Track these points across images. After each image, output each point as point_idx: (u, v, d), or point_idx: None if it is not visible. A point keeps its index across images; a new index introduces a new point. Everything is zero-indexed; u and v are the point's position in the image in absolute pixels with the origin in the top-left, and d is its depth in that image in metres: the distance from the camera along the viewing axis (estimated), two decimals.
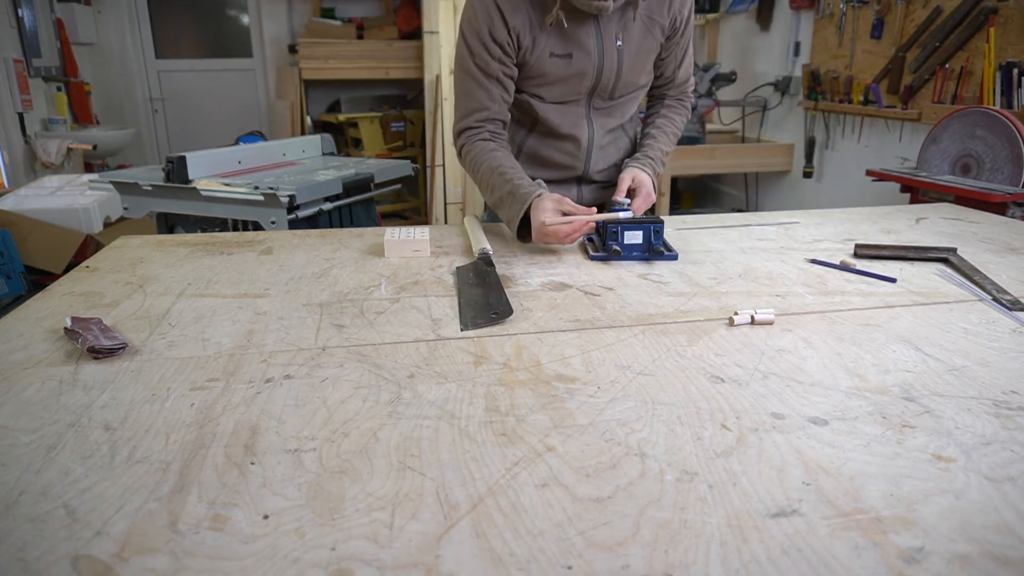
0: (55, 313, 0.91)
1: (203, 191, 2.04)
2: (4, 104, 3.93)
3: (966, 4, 2.64)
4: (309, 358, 0.78)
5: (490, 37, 1.23)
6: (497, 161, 1.26)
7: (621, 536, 0.48)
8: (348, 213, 2.32)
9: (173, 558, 0.46)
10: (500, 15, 1.21)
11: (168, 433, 0.61)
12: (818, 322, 0.89)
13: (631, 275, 1.09)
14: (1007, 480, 0.54)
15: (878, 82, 3.10)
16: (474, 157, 1.29)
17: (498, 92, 1.28)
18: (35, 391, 0.69)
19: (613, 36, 1.26)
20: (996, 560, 0.46)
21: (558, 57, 1.26)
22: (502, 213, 1.25)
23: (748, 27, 4.09)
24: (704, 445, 0.60)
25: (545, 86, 1.30)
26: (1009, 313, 0.92)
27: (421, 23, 4.55)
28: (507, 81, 1.28)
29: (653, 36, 1.31)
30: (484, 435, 0.61)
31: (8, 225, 3.21)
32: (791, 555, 0.46)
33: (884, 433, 0.62)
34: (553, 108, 1.33)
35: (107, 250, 1.22)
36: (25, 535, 0.48)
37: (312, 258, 1.17)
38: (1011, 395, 0.69)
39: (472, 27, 1.24)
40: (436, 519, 0.50)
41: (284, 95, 5.02)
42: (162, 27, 5.46)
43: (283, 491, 0.53)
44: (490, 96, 1.28)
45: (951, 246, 1.21)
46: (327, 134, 2.76)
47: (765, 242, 1.28)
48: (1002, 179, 2.20)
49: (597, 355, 0.78)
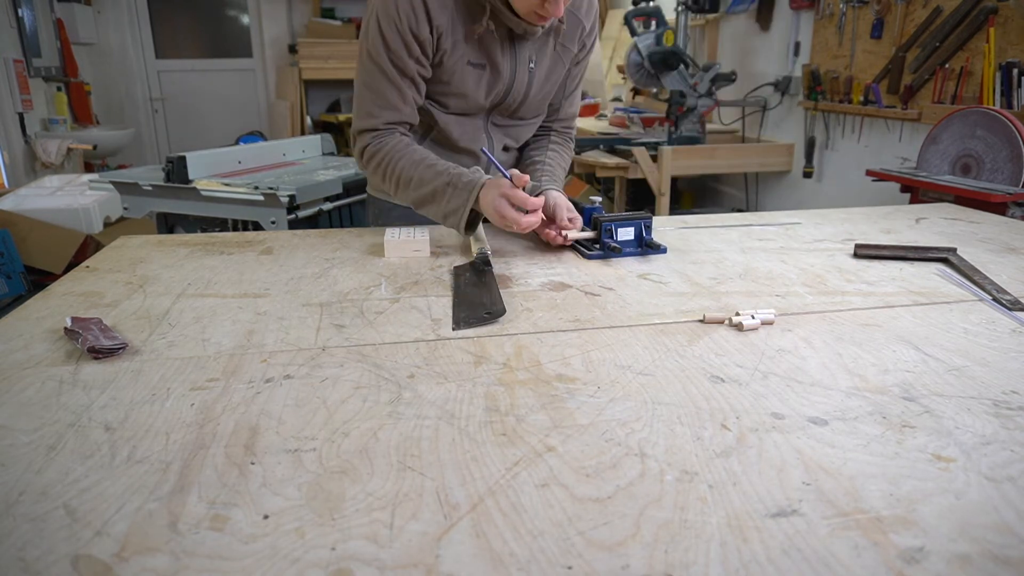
0: (55, 313, 0.91)
1: (203, 191, 2.04)
2: (4, 104, 3.93)
3: (966, 4, 2.64)
4: (309, 358, 0.78)
5: (410, 33, 1.13)
6: (419, 155, 1.17)
7: (621, 536, 0.48)
8: (348, 213, 2.32)
9: (173, 558, 0.46)
10: (425, 11, 1.12)
11: (168, 433, 0.61)
12: (818, 322, 0.89)
13: (631, 275, 1.09)
14: (1007, 480, 0.54)
15: (878, 82, 3.10)
16: (386, 155, 1.19)
17: (411, 94, 1.19)
18: (35, 391, 0.69)
19: (527, 57, 1.24)
20: (996, 560, 0.46)
21: (473, 66, 1.19)
22: (435, 208, 1.16)
23: (748, 27, 4.09)
24: (704, 445, 0.60)
25: (451, 95, 1.22)
26: (1009, 313, 0.92)
27: None
28: (421, 84, 1.19)
29: (563, 63, 1.31)
30: (484, 435, 0.61)
31: (8, 225, 3.21)
32: (791, 555, 0.46)
33: (884, 433, 0.62)
34: (453, 119, 1.26)
35: (107, 250, 1.22)
36: (25, 535, 0.48)
37: (312, 258, 1.17)
38: (1011, 395, 0.69)
39: (390, 18, 1.12)
40: (436, 519, 0.50)
41: (284, 95, 5.02)
42: (162, 27, 5.46)
43: (283, 491, 0.53)
44: (403, 97, 1.18)
45: (951, 246, 1.21)
46: (327, 134, 2.76)
47: (765, 242, 1.28)
48: (1002, 179, 2.20)
49: (597, 355, 0.78)
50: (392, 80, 1.16)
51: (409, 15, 1.12)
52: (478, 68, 1.20)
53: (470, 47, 1.18)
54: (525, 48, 1.23)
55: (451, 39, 1.16)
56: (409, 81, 1.17)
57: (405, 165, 1.18)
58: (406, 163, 1.18)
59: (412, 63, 1.16)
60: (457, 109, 1.25)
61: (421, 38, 1.14)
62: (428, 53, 1.16)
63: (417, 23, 1.12)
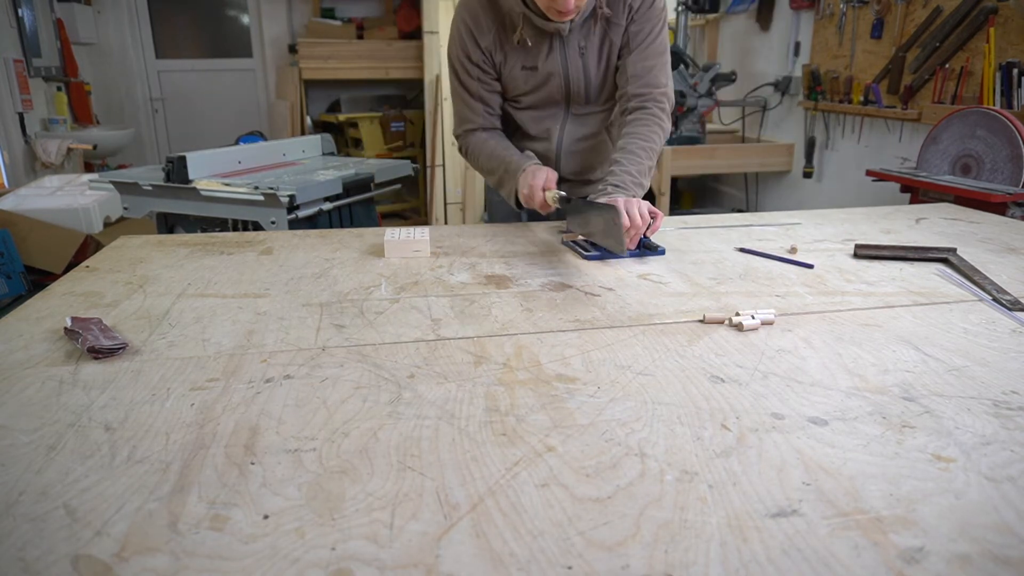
0: (55, 313, 0.91)
1: (203, 191, 2.04)
2: (4, 104, 3.92)
3: (966, 4, 2.64)
4: (309, 358, 0.78)
5: (467, 58, 1.35)
6: (491, 147, 1.39)
7: (621, 536, 0.48)
8: (348, 213, 2.32)
9: (173, 558, 0.46)
10: (472, 38, 1.33)
11: (168, 433, 0.61)
12: (818, 322, 0.89)
13: (631, 275, 1.08)
14: (1007, 480, 0.54)
15: (878, 82, 3.10)
16: (473, 148, 1.43)
17: (481, 108, 1.41)
18: (35, 391, 0.69)
19: (576, 46, 1.33)
20: (996, 560, 0.46)
21: (527, 70, 1.35)
22: (504, 191, 1.38)
23: (748, 27, 4.09)
24: (704, 445, 0.60)
25: (520, 96, 1.40)
26: (1009, 313, 0.92)
27: (421, 23, 4.55)
28: (490, 96, 1.40)
29: (613, 39, 1.34)
30: (484, 435, 0.61)
31: (8, 225, 3.21)
32: (791, 555, 0.46)
33: (884, 433, 0.62)
34: (528, 114, 1.43)
35: (107, 250, 1.22)
36: (25, 535, 0.48)
37: (312, 258, 1.17)
38: (1011, 395, 0.69)
39: (451, 45, 1.37)
40: (436, 519, 0.50)
41: (284, 95, 5.02)
42: (162, 27, 5.45)
43: (283, 491, 0.53)
44: (474, 112, 1.41)
45: (951, 246, 1.21)
46: (327, 134, 2.76)
47: (765, 242, 1.28)
48: (1002, 179, 2.20)
49: (597, 355, 0.78)
50: (463, 97, 1.41)
51: (462, 43, 1.34)
52: (530, 71, 1.36)
53: (519, 54, 1.34)
54: (572, 40, 1.33)
55: (501, 53, 1.35)
56: (478, 99, 1.39)
57: (483, 159, 1.42)
58: (484, 157, 1.41)
59: (475, 83, 1.37)
60: (529, 104, 1.41)
61: (475, 60, 1.35)
62: (488, 71, 1.37)
63: (468, 48, 1.34)
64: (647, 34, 1.33)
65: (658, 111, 1.33)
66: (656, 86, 1.33)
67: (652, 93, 1.33)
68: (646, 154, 1.29)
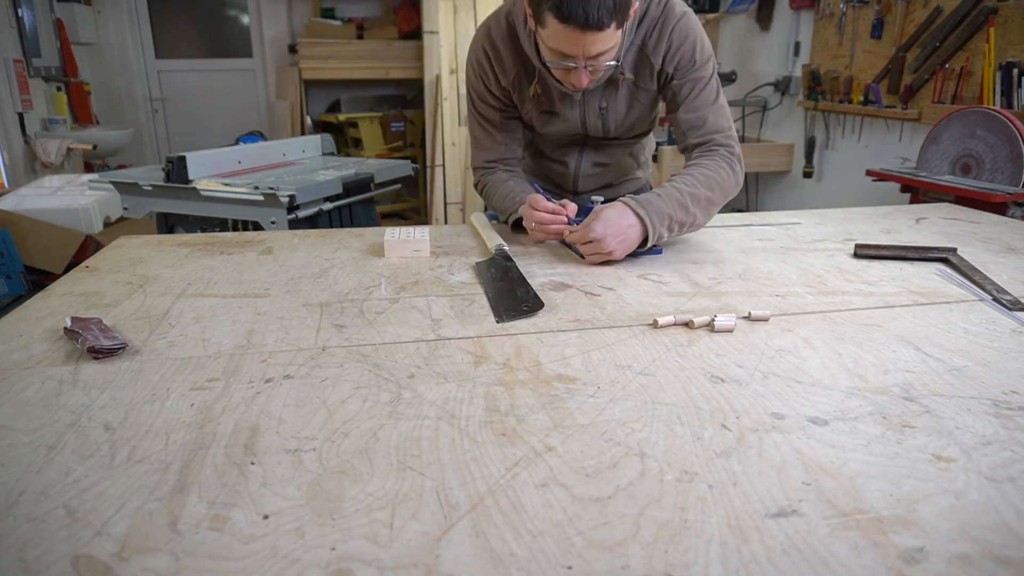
0: (55, 313, 0.91)
1: (203, 191, 2.04)
2: (4, 104, 3.92)
3: (966, 4, 2.64)
4: (309, 358, 0.78)
5: (485, 90, 1.31)
6: (508, 188, 1.34)
7: (621, 536, 0.48)
8: (348, 213, 2.32)
9: (173, 558, 0.46)
10: (493, 74, 1.28)
11: (168, 433, 0.61)
12: (818, 322, 0.89)
13: (631, 275, 1.09)
14: (1007, 480, 0.54)
15: (878, 82, 3.10)
16: (487, 187, 1.39)
17: (501, 138, 1.36)
18: (35, 391, 0.69)
19: (596, 106, 1.28)
20: (996, 560, 0.46)
21: (546, 114, 1.32)
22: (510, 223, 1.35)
23: (748, 27, 4.09)
24: (704, 445, 0.60)
25: (538, 129, 1.37)
26: (1009, 313, 0.92)
27: (421, 23, 4.55)
28: (509, 123, 1.36)
29: (641, 101, 1.28)
30: (484, 435, 0.61)
31: (8, 225, 3.21)
32: (791, 555, 0.46)
33: (884, 433, 0.62)
34: (546, 140, 1.40)
35: (107, 250, 1.22)
36: (25, 535, 0.48)
37: (312, 258, 1.17)
38: (1011, 395, 0.69)
39: (469, 74, 1.33)
40: (436, 519, 0.50)
41: (284, 95, 5.02)
42: (162, 27, 5.45)
43: (283, 491, 0.53)
44: (494, 141, 1.36)
45: (951, 246, 1.21)
46: (327, 134, 2.76)
47: (765, 242, 1.28)
48: (1002, 179, 2.20)
49: (597, 355, 0.78)
50: (483, 127, 1.36)
51: (482, 75, 1.30)
52: (550, 115, 1.32)
53: (539, 98, 1.29)
54: (593, 100, 1.28)
55: (518, 94, 1.31)
56: (496, 128, 1.35)
57: (496, 199, 1.37)
58: (497, 197, 1.36)
59: (493, 112, 1.34)
60: (546, 133, 1.37)
61: (494, 92, 1.31)
62: (506, 103, 1.33)
63: (489, 83, 1.30)
64: (691, 88, 1.24)
65: (725, 152, 1.24)
66: (717, 131, 1.25)
67: (715, 138, 1.25)
68: (696, 181, 1.18)
